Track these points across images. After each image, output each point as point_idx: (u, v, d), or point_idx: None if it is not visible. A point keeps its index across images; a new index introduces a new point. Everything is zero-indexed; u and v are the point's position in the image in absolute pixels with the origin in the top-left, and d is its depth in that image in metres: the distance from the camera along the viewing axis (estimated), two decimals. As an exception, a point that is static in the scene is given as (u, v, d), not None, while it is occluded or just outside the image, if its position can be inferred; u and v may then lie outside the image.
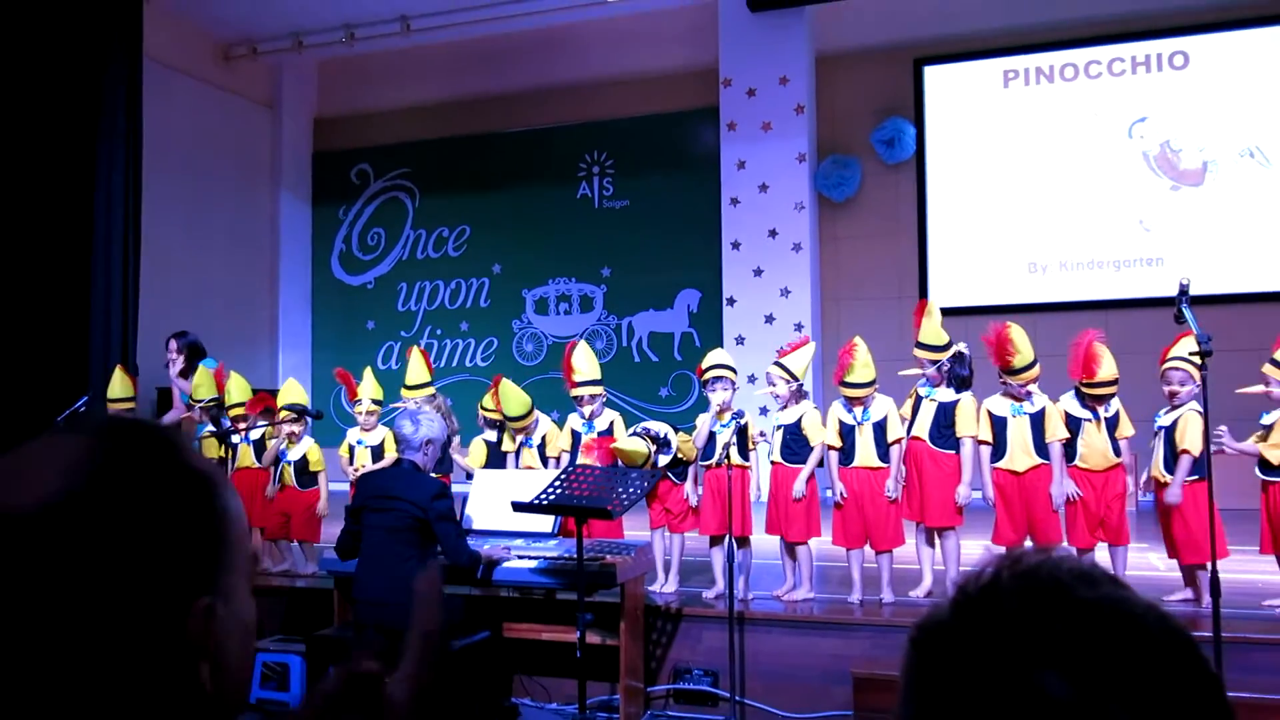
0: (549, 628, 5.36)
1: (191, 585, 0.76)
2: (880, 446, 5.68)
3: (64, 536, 0.72)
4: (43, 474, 0.75)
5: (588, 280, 12.25)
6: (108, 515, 0.74)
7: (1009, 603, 0.69)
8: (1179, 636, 0.68)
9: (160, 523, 0.76)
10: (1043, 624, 0.67)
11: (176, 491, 0.78)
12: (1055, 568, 0.71)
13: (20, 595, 0.71)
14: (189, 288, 11.26)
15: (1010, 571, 0.72)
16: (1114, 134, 10.32)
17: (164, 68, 10.82)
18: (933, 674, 0.70)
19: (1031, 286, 10.52)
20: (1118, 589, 0.71)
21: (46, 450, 0.77)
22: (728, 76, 11.21)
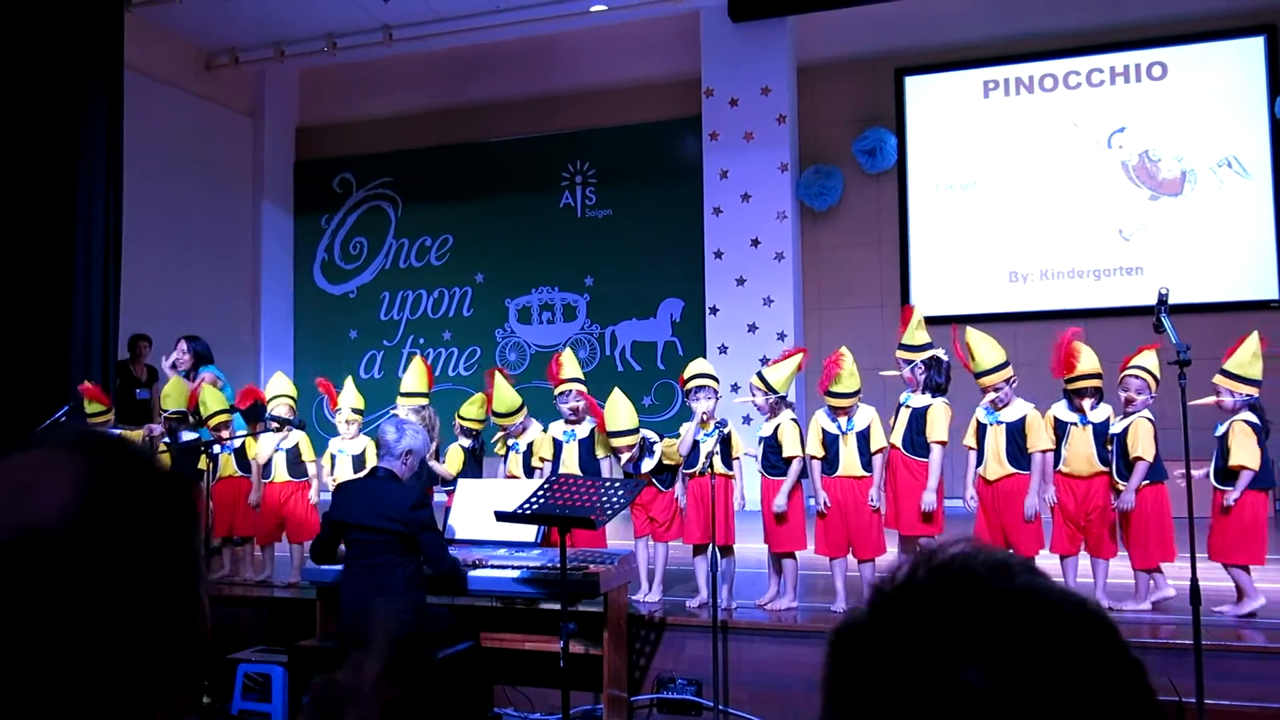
0: (532, 637, 5.34)
1: (197, 579, 0.82)
2: (864, 456, 5.69)
3: (93, 548, 0.76)
4: (53, 490, 0.76)
5: (571, 289, 12.25)
6: (128, 525, 0.78)
7: (926, 600, 0.68)
8: (1097, 623, 0.68)
9: (168, 526, 0.80)
10: (960, 619, 0.66)
11: (171, 496, 0.81)
12: (970, 560, 0.70)
13: (59, 607, 0.74)
14: (170, 297, 11.20)
15: (926, 568, 0.70)
16: (1093, 144, 10.42)
17: (145, 77, 10.78)
18: (853, 676, 0.69)
19: (1012, 295, 10.59)
20: (1034, 578, 0.70)
21: (44, 466, 0.78)
22: (710, 86, 11.25)
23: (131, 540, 0.77)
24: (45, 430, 3.36)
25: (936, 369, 5.85)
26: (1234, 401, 5.30)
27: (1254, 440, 5.18)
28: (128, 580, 0.76)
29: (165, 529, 0.80)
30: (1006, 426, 5.57)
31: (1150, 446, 5.35)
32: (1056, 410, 5.69)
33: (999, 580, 0.69)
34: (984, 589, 0.68)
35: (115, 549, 0.76)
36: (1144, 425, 5.40)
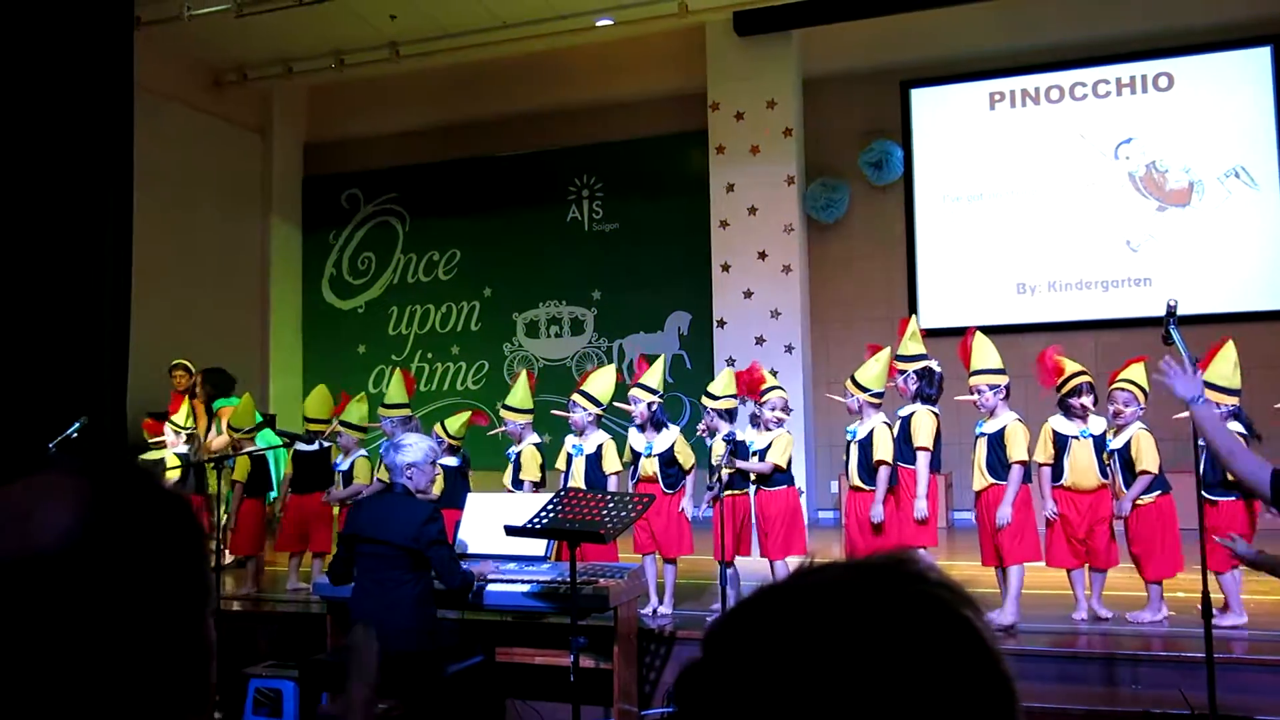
0: (542, 652, 5.34)
1: (203, 597, 0.83)
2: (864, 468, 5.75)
3: (94, 571, 0.76)
4: (53, 515, 0.76)
5: (578, 303, 12.28)
6: (129, 547, 0.78)
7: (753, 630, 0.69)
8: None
9: (172, 546, 0.81)
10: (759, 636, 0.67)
11: (173, 516, 0.82)
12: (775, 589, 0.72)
13: (61, 631, 0.75)
14: (180, 313, 11.25)
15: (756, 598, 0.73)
16: (1100, 155, 10.42)
17: (154, 95, 10.84)
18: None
19: (1020, 307, 10.58)
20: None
21: (45, 490, 0.78)
22: (716, 100, 11.28)
23: (132, 561, 0.78)
24: (54, 451, 3.42)
25: (928, 380, 5.91)
26: (1221, 411, 5.26)
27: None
28: (129, 601, 0.77)
29: (167, 550, 0.81)
30: (988, 438, 5.62)
31: (1154, 458, 5.42)
32: (1055, 423, 5.70)
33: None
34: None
35: (116, 571, 0.77)
36: (1145, 437, 5.46)
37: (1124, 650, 5.00)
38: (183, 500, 0.85)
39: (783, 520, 5.86)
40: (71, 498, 0.78)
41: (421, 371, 12.76)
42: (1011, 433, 5.54)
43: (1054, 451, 5.66)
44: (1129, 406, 5.52)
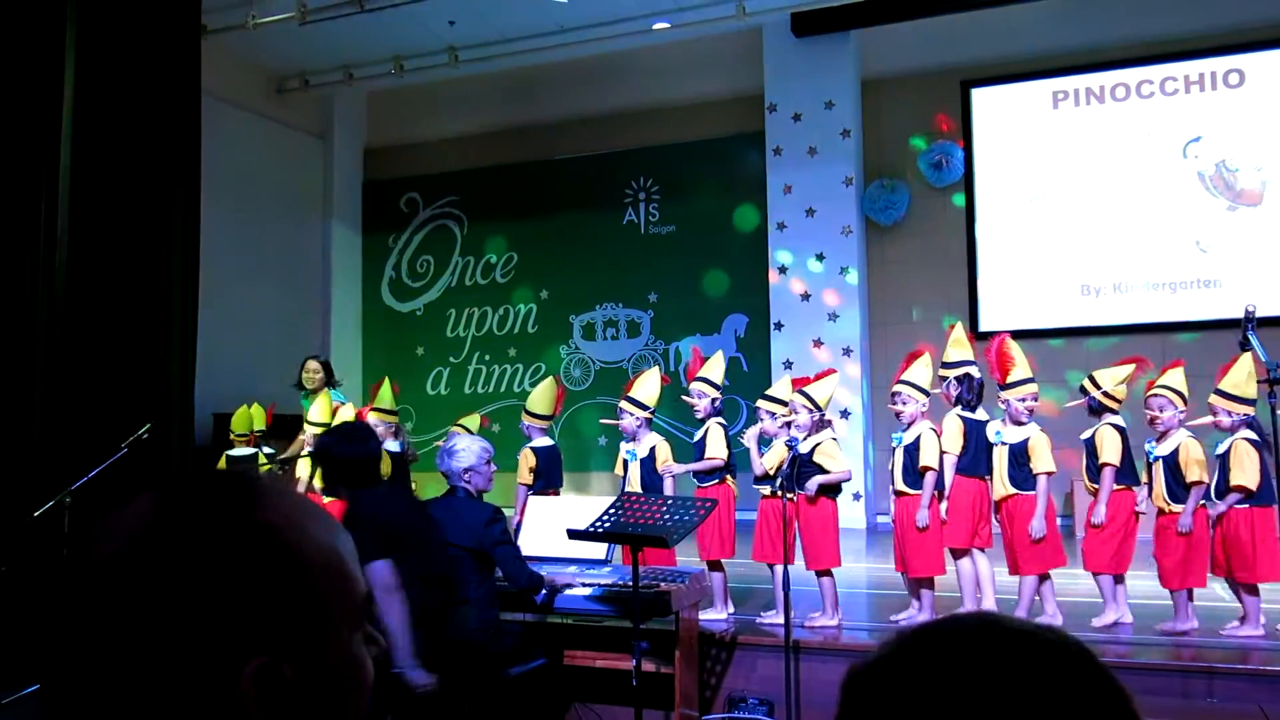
0: (603, 655, 5.34)
1: (246, 645, 0.73)
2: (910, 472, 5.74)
3: (124, 586, 0.73)
4: (121, 526, 0.76)
5: (635, 305, 12.29)
6: (159, 569, 0.73)
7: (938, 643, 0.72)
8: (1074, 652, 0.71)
9: (211, 578, 0.73)
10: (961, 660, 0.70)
11: (234, 547, 0.75)
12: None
13: (85, 637, 0.74)
14: (243, 316, 11.45)
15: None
16: (1168, 154, 10.19)
17: (219, 101, 11.04)
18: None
19: (1084, 309, 10.39)
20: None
21: (130, 507, 0.78)
22: (773, 102, 11.23)
23: (172, 582, 0.73)
24: (130, 445, 3.46)
25: (968, 386, 5.85)
26: (1231, 421, 5.29)
27: (1256, 459, 5.14)
28: (161, 622, 0.72)
29: (220, 574, 0.74)
30: (1010, 448, 5.57)
31: (1202, 467, 5.29)
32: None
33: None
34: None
35: (153, 588, 0.73)
36: (1193, 446, 5.33)
37: (1201, 663, 4.88)
38: (272, 525, 0.77)
39: (817, 530, 5.82)
40: (139, 512, 0.77)
41: (479, 373, 12.86)
42: (1035, 443, 5.51)
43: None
44: (1164, 412, 5.41)
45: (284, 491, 0.81)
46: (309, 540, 0.78)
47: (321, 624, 0.77)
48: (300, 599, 0.76)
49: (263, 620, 0.74)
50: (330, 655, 0.78)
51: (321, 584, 0.78)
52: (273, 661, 0.73)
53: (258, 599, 0.74)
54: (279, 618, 0.75)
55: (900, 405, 5.79)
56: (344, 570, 0.80)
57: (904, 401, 5.78)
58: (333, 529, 0.82)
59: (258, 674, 0.73)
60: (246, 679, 0.72)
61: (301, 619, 0.76)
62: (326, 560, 0.79)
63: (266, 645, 0.74)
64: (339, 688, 0.78)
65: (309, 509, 0.82)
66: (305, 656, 0.75)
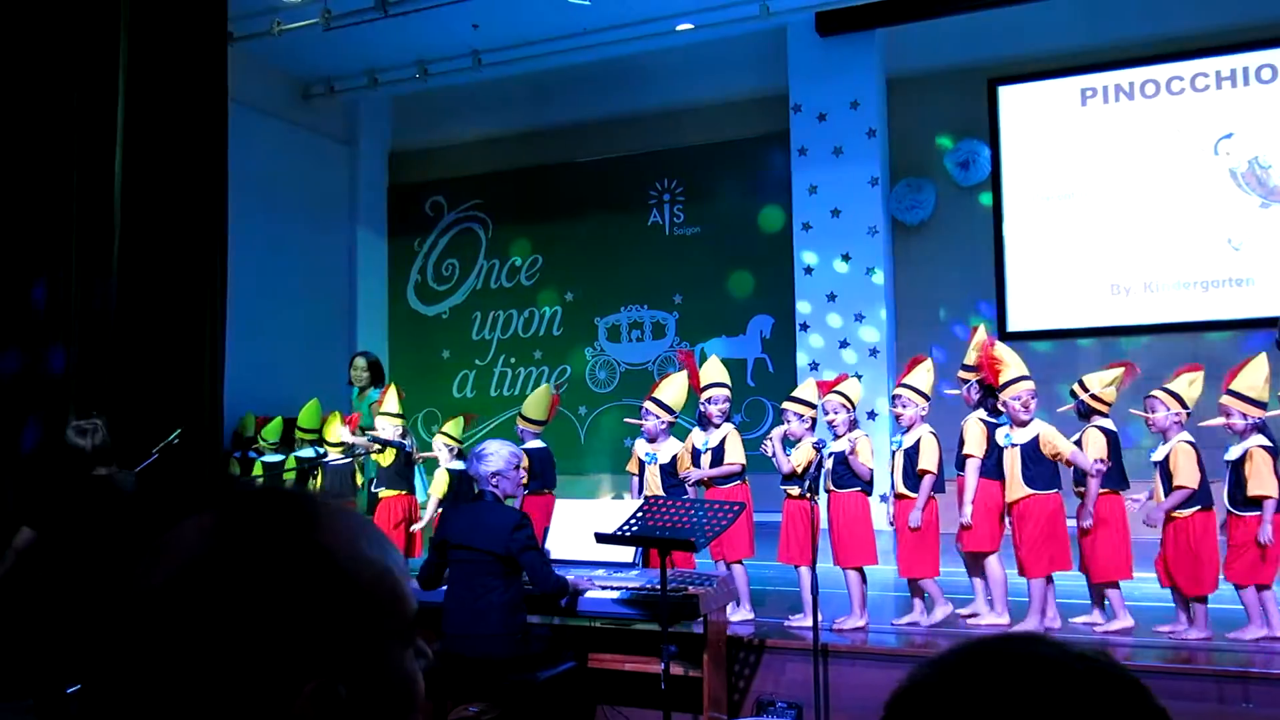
0: (631, 658, 5.33)
1: (302, 667, 0.74)
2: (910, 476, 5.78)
3: (177, 610, 0.74)
4: (176, 550, 0.77)
5: (659, 307, 12.27)
6: (217, 591, 0.74)
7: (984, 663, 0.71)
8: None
9: (268, 601, 0.74)
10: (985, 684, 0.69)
11: (290, 569, 0.76)
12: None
13: (142, 658, 0.74)
14: (270, 321, 11.51)
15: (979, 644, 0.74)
16: (1199, 151, 10.06)
17: (245, 108, 11.11)
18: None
19: (1114, 309, 10.27)
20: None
21: (186, 526, 0.79)
22: (798, 102, 11.19)
23: (227, 605, 0.74)
24: (160, 451, 3.49)
25: (990, 389, 5.88)
26: (1244, 424, 5.21)
27: (1271, 465, 5.09)
28: (215, 644, 0.73)
29: (275, 595, 0.74)
30: (1021, 448, 5.55)
31: (1193, 473, 5.24)
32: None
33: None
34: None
35: (207, 612, 0.73)
36: (1183, 450, 5.28)
37: (1234, 668, 4.82)
38: (326, 548, 0.78)
39: (851, 526, 5.82)
40: (195, 533, 0.78)
41: (504, 376, 12.88)
42: (1047, 439, 5.50)
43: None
44: (1156, 413, 5.42)
45: (339, 511, 0.82)
46: (363, 560, 0.80)
47: (374, 643, 0.78)
48: (354, 620, 0.77)
49: (319, 642, 0.75)
50: (383, 673, 0.78)
51: (375, 604, 0.79)
52: (328, 682, 0.74)
53: (314, 621, 0.75)
54: (334, 639, 0.76)
55: (900, 408, 5.84)
56: (396, 589, 0.82)
57: (904, 405, 5.83)
58: (384, 547, 0.83)
59: (314, 695, 0.74)
60: (304, 700, 0.73)
61: (355, 639, 0.77)
62: (379, 579, 0.80)
63: (322, 666, 0.75)
64: (392, 705, 0.79)
65: (362, 528, 0.83)
66: (359, 675, 0.76)
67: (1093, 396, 5.64)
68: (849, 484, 5.82)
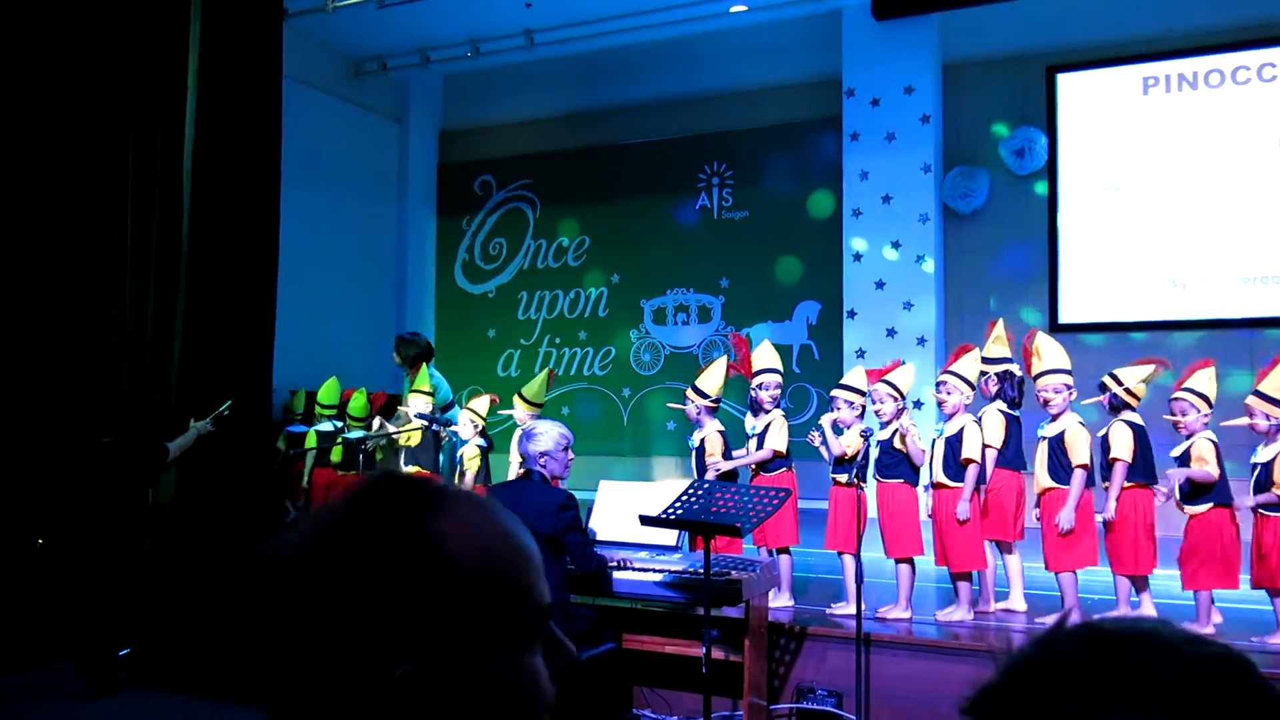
0: (672, 641, 5.33)
1: (396, 650, 0.74)
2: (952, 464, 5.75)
3: (293, 583, 0.77)
4: (307, 528, 0.80)
5: (706, 291, 12.23)
6: (327, 570, 0.76)
7: (1062, 654, 0.67)
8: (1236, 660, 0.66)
9: (370, 584, 0.75)
10: (1096, 662, 0.65)
11: (395, 556, 0.76)
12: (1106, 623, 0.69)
13: (261, 630, 0.78)
14: (320, 297, 11.61)
15: (1056, 627, 0.70)
16: (1263, 143, 9.80)
17: (299, 84, 11.19)
18: None
19: (1171, 303, 10.06)
20: (1166, 627, 0.68)
21: (325, 505, 0.82)
22: (851, 86, 11.06)
23: (338, 583, 0.75)
24: (209, 427, 3.61)
25: (1010, 383, 5.96)
26: (1269, 425, 5.15)
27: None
28: (325, 620, 0.75)
29: (382, 579, 0.75)
30: (1049, 441, 5.58)
31: (1213, 465, 5.24)
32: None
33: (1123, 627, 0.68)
34: (1106, 634, 0.67)
35: (321, 587, 0.75)
36: (1203, 444, 5.29)
37: None
38: (436, 536, 0.77)
39: (899, 517, 5.79)
40: (328, 512, 0.80)
41: (549, 356, 12.90)
42: (1072, 436, 5.47)
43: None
44: (1187, 415, 5.39)
45: (468, 501, 0.82)
46: (479, 554, 0.79)
47: (480, 638, 0.77)
48: (457, 612, 0.76)
49: (416, 628, 0.75)
50: (490, 669, 0.77)
51: (485, 599, 0.78)
52: (423, 668, 0.74)
53: (413, 607, 0.75)
54: (433, 627, 0.75)
55: (945, 395, 5.79)
56: (517, 585, 0.80)
57: (949, 392, 5.79)
58: (511, 542, 0.82)
59: (405, 679, 0.74)
60: (395, 683, 0.74)
61: (457, 631, 0.76)
62: (497, 574, 0.79)
63: (418, 652, 0.74)
64: (500, 703, 0.78)
65: (492, 521, 0.82)
66: (459, 668, 0.76)
67: (1126, 391, 5.60)
68: (895, 474, 5.79)
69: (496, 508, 0.84)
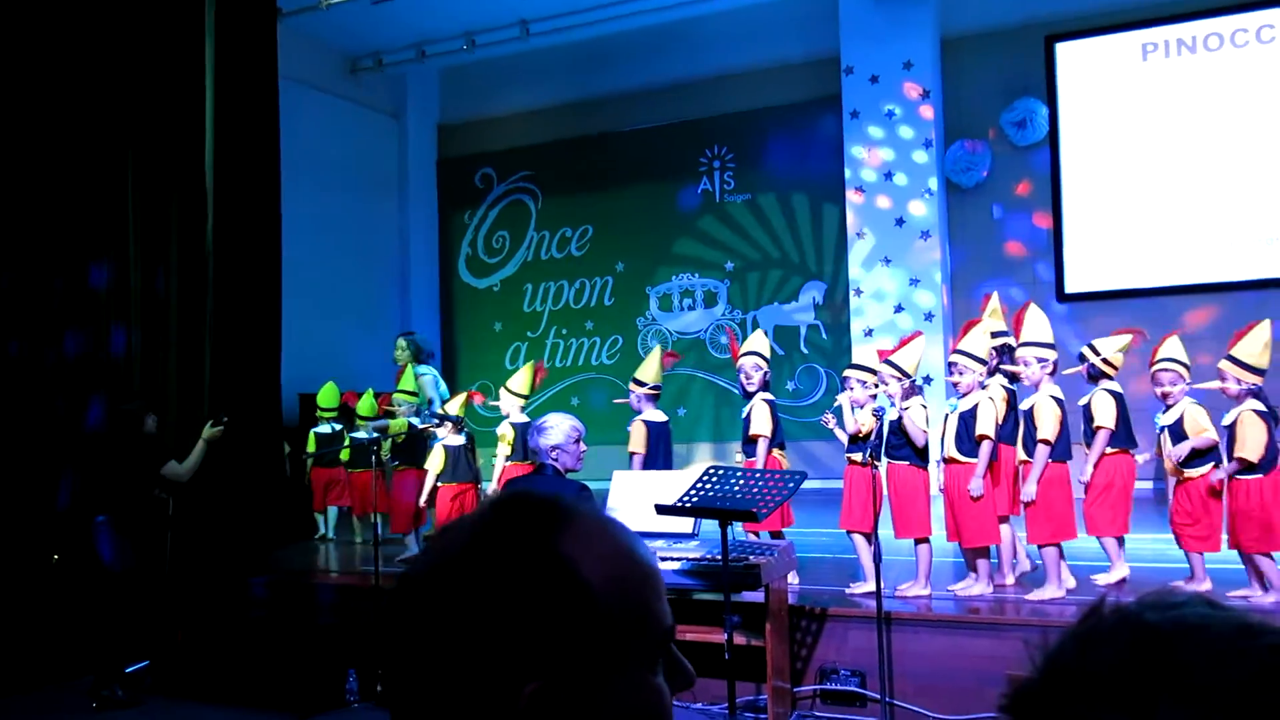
0: (693, 628, 5.33)
1: (526, 668, 0.75)
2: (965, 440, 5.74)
3: (427, 601, 0.78)
4: (441, 546, 0.82)
5: (711, 275, 12.21)
6: (458, 588, 0.77)
7: (1094, 654, 0.65)
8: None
9: (500, 602, 0.76)
10: (1134, 664, 0.62)
11: (525, 574, 0.77)
12: (1126, 607, 0.67)
13: (397, 645, 0.80)
14: (322, 296, 11.60)
15: (1094, 619, 0.68)
16: (1265, 105, 9.75)
17: (295, 83, 11.15)
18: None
19: (1176, 269, 10.02)
20: (1198, 609, 0.66)
21: (460, 522, 0.83)
22: (849, 64, 11.01)
23: (470, 600, 0.76)
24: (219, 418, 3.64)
25: (1008, 355, 5.99)
26: (1240, 389, 5.30)
27: (1263, 430, 5.18)
28: (456, 637, 0.76)
29: (513, 597, 0.76)
30: (1024, 414, 5.67)
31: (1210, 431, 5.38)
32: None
33: (1161, 615, 0.65)
34: (1150, 631, 0.64)
35: (453, 604, 0.77)
36: (1195, 411, 5.43)
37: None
38: (565, 557, 0.78)
39: (907, 497, 5.79)
40: (464, 529, 0.82)
41: (557, 347, 12.91)
42: (1039, 410, 5.52)
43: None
44: (1175, 385, 5.51)
45: (596, 521, 0.82)
46: (608, 574, 0.79)
47: (608, 657, 0.77)
48: (586, 631, 0.77)
49: (546, 647, 0.75)
50: (616, 688, 0.78)
51: (613, 619, 0.78)
52: (551, 686, 0.75)
53: (543, 626, 0.76)
54: (563, 647, 0.76)
55: (958, 375, 5.78)
56: (644, 606, 0.80)
57: (961, 372, 5.76)
58: (638, 562, 0.82)
59: (534, 696, 0.75)
60: (524, 701, 0.74)
61: (585, 650, 0.77)
62: (624, 595, 0.79)
63: (547, 670, 0.75)
64: (628, 718, 0.79)
65: (619, 540, 0.82)
66: (587, 686, 0.76)
67: (1104, 360, 5.69)
68: (901, 455, 5.78)
69: (622, 526, 0.85)
